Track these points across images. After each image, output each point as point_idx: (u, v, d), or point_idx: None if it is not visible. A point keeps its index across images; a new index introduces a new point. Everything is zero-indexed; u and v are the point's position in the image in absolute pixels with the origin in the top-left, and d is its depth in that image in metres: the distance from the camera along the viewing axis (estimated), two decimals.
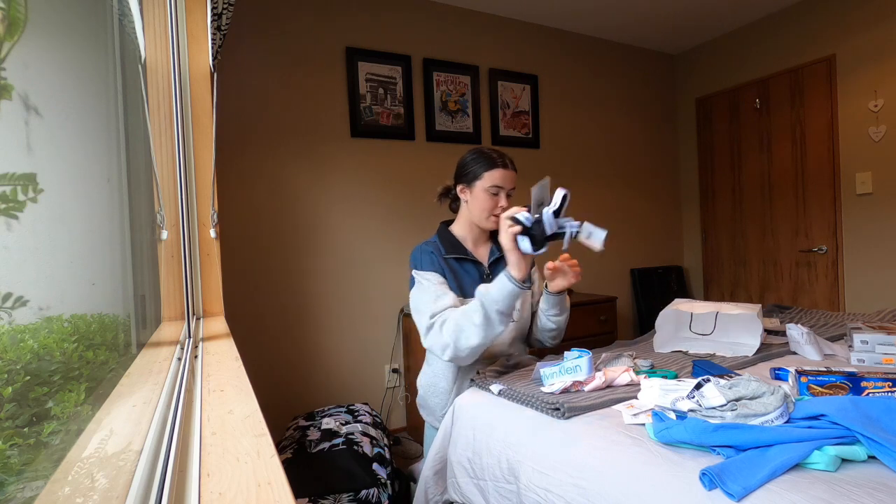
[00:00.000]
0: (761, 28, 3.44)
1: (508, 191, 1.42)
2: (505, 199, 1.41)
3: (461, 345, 1.26)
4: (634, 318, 3.80)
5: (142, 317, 1.28)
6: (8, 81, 0.60)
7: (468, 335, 1.24)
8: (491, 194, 1.39)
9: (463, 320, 1.25)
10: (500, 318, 1.24)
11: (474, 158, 1.42)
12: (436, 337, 1.30)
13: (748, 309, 1.51)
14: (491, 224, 1.43)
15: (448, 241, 1.46)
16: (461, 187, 1.45)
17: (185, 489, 0.52)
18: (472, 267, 1.46)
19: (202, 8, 1.55)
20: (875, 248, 2.96)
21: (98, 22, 1.16)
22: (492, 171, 1.39)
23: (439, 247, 1.45)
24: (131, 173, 1.27)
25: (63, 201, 0.84)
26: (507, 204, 1.40)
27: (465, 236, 1.49)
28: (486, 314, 1.22)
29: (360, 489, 1.58)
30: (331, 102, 2.69)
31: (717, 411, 0.92)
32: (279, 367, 2.53)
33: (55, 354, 0.72)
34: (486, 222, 1.43)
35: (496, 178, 1.39)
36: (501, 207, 1.39)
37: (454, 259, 1.44)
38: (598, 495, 0.91)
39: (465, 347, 1.26)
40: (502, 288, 1.21)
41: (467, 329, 1.24)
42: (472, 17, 3.13)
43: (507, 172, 1.40)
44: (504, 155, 1.42)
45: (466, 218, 1.48)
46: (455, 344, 1.26)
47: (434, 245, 1.46)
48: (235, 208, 2.43)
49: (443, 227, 1.53)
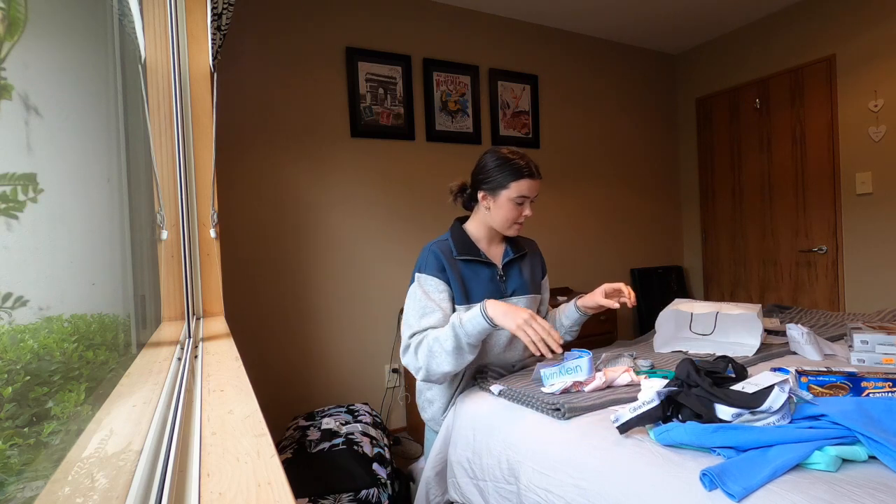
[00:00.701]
0: (761, 28, 3.44)
1: (532, 200, 1.38)
2: (529, 207, 1.37)
3: (433, 369, 1.25)
4: (634, 318, 3.80)
5: (142, 317, 1.28)
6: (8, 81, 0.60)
7: (439, 361, 1.24)
8: (516, 204, 1.35)
9: (436, 346, 1.24)
10: (471, 349, 1.23)
11: (499, 165, 1.35)
12: (410, 358, 1.29)
13: (748, 309, 1.51)
14: (513, 232, 1.41)
15: (461, 241, 1.41)
16: (483, 194, 1.39)
17: (185, 489, 0.52)
18: (484, 268, 1.41)
19: (202, 8, 1.55)
20: (875, 248, 2.96)
21: (98, 22, 1.16)
22: (519, 181, 1.33)
23: (451, 247, 1.39)
24: (131, 173, 1.27)
25: (63, 201, 0.84)
26: (530, 213, 1.37)
27: (480, 237, 1.44)
28: (457, 343, 1.21)
29: (360, 489, 1.58)
30: (331, 102, 2.69)
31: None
32: (279, 367, 2.53)
33: (55, 354, 0.72)
34: (508, 230, 1.40)
35: (523, 189, 1.34)
36: (525, 216, 1.37)
37: (464, 261, 1.38)
38: (598, 496, 0.91)
39: (436, 372, 1.25)
40: (477, 325, 1.20)
41: (439, 355, 1.23)
42: (472, 17, 3.13)
43: (535, 182, 1.35)
44: (530, 161, 1.37)
45: (483, 220, 1.43)
46: (427, 368, 1.25)
47: (446, 245, 1.40)
48: (235, 208, 2.43)
49: (457, 224, 1.47)
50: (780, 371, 1.26)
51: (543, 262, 1.59)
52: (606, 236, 3.66)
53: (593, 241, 3.58)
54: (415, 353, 1.27)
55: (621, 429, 0.95)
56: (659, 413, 0.95)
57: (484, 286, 1.38)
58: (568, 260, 3.45)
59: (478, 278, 1.39)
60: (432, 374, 1.26)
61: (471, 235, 1.44)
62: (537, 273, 1.53)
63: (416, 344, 1.27)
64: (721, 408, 0.91)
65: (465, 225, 1.46)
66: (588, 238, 3.56)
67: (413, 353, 1.28)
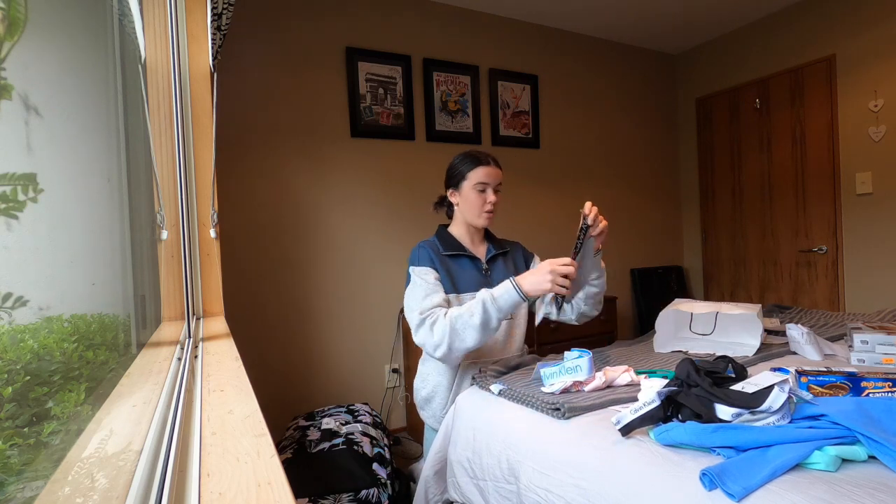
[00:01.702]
0: (761, 28, 3.44)
1: (495, 186, 1.47)
2: (493, 194, 1.46)
3: (455, 345, 1.28)
4: (634, 318, 3.80)
5: (142, 317, 1.28)
6: (8, 81, 0.60)
7: (465, 336, 1.27)
8: (478, 191, 1.45)
9: (459, 322, 1.27)
10: (498, 323, 1.30)
11: (459, 162, 1.49)
12: (426, 335, 1.31)
13: (748, 309, 1.51)
14: (484, 221, 1.49)
15: (445, 240, 1.52)
16: (451, 191, 1.52)
17: (185, 489, 0.52)
18: (469, 263, 1.51)
19: (202, 8, 1.55)
20: (875, 248, 2.96)
21: (98, 22, 1.16)
22: (476, 169, 1.45)
23: (437, 245, 1.50)
24: (131, 173, 1.27)
25: (63, 201, 0.84)
26: (494, 199, 1.46)
27: (462, 236, 1.55)
28: (487, 317, 1.27)
29: (360, 489, 1.58)
30: (331, 102, 2.69)
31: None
32: (279, 367, 2.53)
33: (55, 354, 0.72)
34: (478, 219, 1.49)
35: (481, 175, 1.45)
36: (490, 203, 1.46)
37: (451, 257, 1.48)
38: (598, 495, 0.91)
39: (459, 348, 1.29)
40: (509, 299, 1.27)
41: (464, 330, 1.27)
42: (472, 17, 3.13)
43: (491, 169, 1.46)
44: (487, 154, 1.49)
45: (461, 220, 1.54)
46: (449, 344, 1.28)
47: (433, 243, 1.51)
48: (235, 208, 2.43)
49: (441, 228, 1.59)
50: (779, 371, 1.26)
51: (529, 256, 1.64)
52: (606, 236, 3.65)
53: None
54: (430, 329, 1.30)
55: (623, 430, 0.95)
56: (660, 413, 0.95)
57: (470, 277, 1.48)
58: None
59: (464, 271, 1.49)
60: (455, 350, 1.29)
61: (454, 236, 1.55)
62: (521, 267, 1.58)
63: (432, 321, 1.30)
64: (721, 408, 0.91)
65: (448, 228, 1.58)
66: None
67: (429, 330, 1.30)
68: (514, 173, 3.26)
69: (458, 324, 1.27)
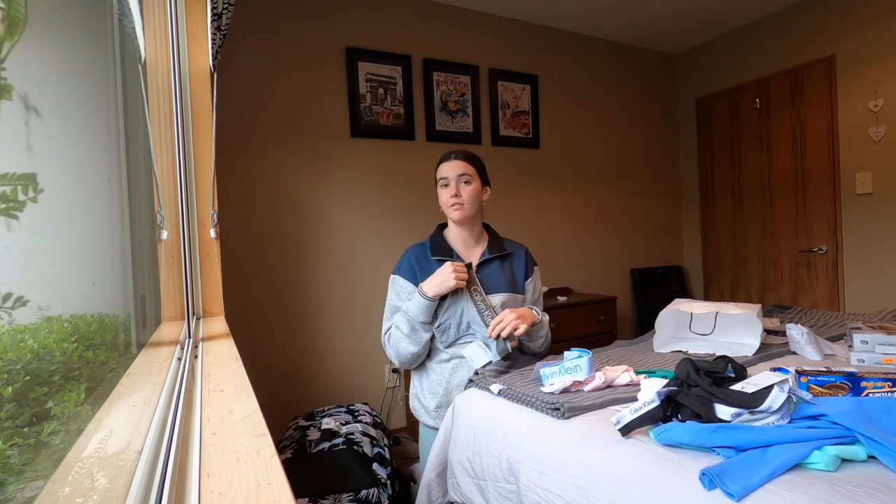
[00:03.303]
0: (761, 28, 3.44)
1: (460, 179, 1.48)
2: (455, 187, 1.47)
3: (400, 352, 1.46)
4: (634, 318, 3.80)
5: (142, 317, 1.28)
6: (8, 81, 0.60)
7: (402, 345, 1.45)
8: (442, 186, 1.50)
9: (396, 333, 1.46)
10: (423, 326, 1.43)
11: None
12: (387, 349, 1.52)
13: (748, 309, 1.51)
14: (454, 214, 1.50)
15: (435, 244, 1.54)
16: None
17: (185, 489, 0.52)
18: None
19: (202, 8, 1.55)
20: (875, 248, 2.96)
21: (98, 22, 1.16)
22: (439, 167, 1.52)
23: (427, 249, 1.53)
24: (131, 173, 1.27)
25: (63, 201, 0.84)
26: (456, 191, 1.47)
27: (456, 238, 1.55)
28: (410, 327, 1.43)
29: (360, 489, 1.58)
30: (331, 102, 2.69)
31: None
32: (279, 367, 2.53)
33: (55, 354, 0.72)
34: (449, 213, 1.51)
35: (441, 171, 1.51)
36: (453, 195, 1.47)
37: (438, 261, 1.48)
38: (598, 495, 0.91)
39: (404, 354, 1.46)
40: (417, 303, 1.41)
41: (398, 342, 1.46)
42: (472, 17, 3.13)
43: (450, 163, 1.49)
44: (453, 151, 1.54)
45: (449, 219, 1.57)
46: (396, 352, 1.48)
47: (422, 248, 1.55)
48: (235, 208, 2.43)
49: (437, 229, 1.59)
50: (779, 371, 1.26)
51: (531, 265, 1.60)
52: (606, 236, 3.66)
53: (593, 241, 3.58)
54: (388, 343, 1.51)
55: (623, 430, 0.95)
56: (660, 413, 0.95)
57: None
58: (568, 260, 3.45)
59: None
60: (402, 357, 1.48)
61: (449, 238, 1.56)
62: (519, 274, 1.56)
63: (387, 337, 1.52)
64: (721, 407, 0.91)
65: (445, 230, 1.60)
66: (588, 238, 3.56)
67: (387, 344, 1.52)
68: (514, 173, 3.26)
69: (394, 338, 1.47)
